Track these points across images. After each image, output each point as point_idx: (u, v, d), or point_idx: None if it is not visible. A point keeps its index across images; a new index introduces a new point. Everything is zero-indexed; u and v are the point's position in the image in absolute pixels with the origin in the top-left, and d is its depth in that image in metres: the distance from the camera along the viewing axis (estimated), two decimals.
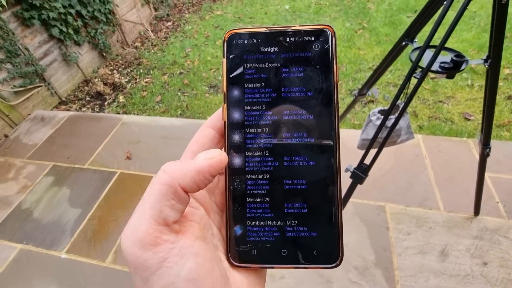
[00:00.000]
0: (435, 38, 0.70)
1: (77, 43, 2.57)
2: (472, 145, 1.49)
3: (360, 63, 2.48)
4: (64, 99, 2.53)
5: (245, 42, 0.22)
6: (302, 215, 0.21)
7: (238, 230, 0.21)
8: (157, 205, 0.16)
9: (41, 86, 2.31)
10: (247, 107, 0.22)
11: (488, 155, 0.91)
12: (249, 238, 0.21)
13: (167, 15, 3.73)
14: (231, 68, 0.22)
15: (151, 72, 2.80)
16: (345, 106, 1.56)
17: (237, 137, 0.22)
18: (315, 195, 0.21)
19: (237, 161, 0.22)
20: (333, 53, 0.21)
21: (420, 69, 0.73)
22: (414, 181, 1.37)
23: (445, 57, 0.76)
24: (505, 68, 2.14)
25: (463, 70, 0.75)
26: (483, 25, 2.66)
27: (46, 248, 1.35)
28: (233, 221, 0.21)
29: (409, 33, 0.88)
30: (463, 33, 2.59)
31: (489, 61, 0.74)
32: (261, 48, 0.22)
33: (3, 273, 1.28)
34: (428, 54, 0.72)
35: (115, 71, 2.83)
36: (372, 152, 0.84)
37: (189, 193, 0.18)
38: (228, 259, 0.21)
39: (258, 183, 0.21)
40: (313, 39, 0.21)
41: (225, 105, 0.22)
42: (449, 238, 1.16)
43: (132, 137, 1.87)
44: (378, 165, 0.86)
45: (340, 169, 0.21)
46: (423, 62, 0.73)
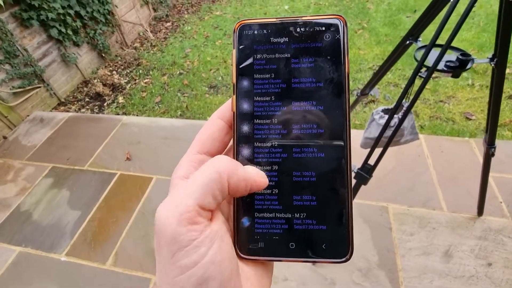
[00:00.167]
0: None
1: (76, 44, 2.56)
2: (474, 145, 1.49)
3: (360, 63, 2.47)
4: (63, 100, 2.51)
5: (255, 32, 0.22)
6: (311, 207, 0.20)
7: (246, 222, 0.21)
8: (205, 189, 0.17)
9: (40, 87, 2.30)
10: (256, 97, 0.21)
11: (493, 155, 0.91)
12: (257, 230, 0.21)
13: (166, 15, 3.73)
14: (240, 58, 0.22)
15: (151, 72, 2.79)
16: None
17: (246, 128, 0.21)
18: (324, 187, 0.20)
19: (245, 152, 0.21)
20: (345, 43, 0.20)
21: (425, 68, 0.72)
22: (416, 181, 1.37)
23: (450, 56, 0.76)
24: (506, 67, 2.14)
25: (468, 69, 0.74)
26: (482, 24, 2.66)
27: (45, 250, 1.33)
28: (241, 213, 0.21)
29: (413, 32, 0.87)
30: (463, 33, 2.59)
31: (495, 60, 0.73)
32: (271, 38, 0.21)
33: (1, 276, 1.26)
34: (432, 53, 0.71)
35: (114, 72, 2.81)
36: (375, 152, 0.84)
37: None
38: (235, 251, 0.20)
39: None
40: (324, 29, 0.21)
41: (235, 95, 0.22)
42: (453, 238, 1.15)
43: (132, 138, 1.85)
44: (380, 165, 0.85)
45: (350, 161, 0.20)
46: (428, 61, 0.72)
